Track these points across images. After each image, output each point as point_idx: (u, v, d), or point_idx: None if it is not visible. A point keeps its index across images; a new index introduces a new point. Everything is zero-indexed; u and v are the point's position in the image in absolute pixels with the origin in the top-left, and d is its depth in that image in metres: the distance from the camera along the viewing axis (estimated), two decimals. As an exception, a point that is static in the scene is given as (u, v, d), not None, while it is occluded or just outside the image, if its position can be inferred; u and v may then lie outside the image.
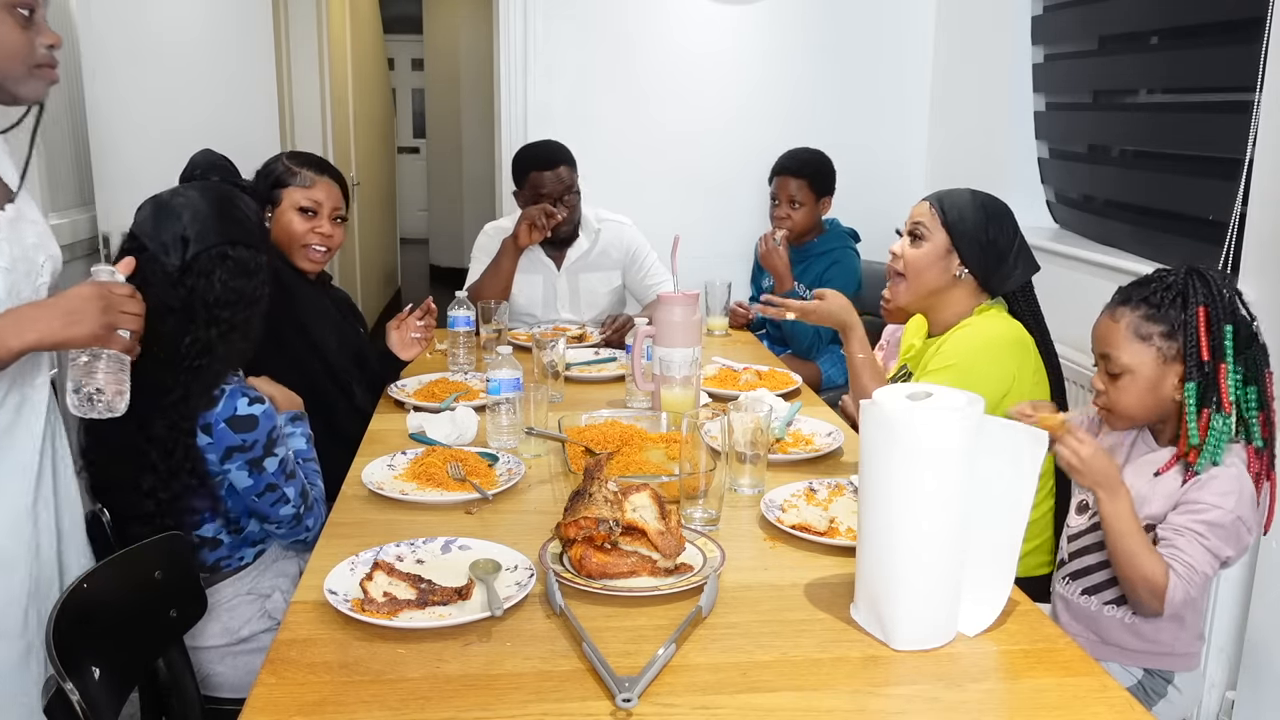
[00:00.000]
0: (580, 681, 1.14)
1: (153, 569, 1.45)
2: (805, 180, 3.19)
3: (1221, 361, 1.45)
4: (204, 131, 2.75)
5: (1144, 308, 1.51)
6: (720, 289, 3.00)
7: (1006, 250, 1.94)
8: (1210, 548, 1.43)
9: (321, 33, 4.88)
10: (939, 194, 1.99)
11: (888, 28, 3.77)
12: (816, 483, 1.72)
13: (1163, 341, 1.49)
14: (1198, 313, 1.46)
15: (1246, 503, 1.46)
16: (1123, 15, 2.82)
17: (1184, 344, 1.47)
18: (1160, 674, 1.56)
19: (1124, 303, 1.54)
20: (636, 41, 3.70)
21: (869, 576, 1.27)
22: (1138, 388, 1.51)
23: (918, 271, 1.96)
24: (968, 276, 1.94)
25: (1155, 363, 1.50)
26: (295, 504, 1.65)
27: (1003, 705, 1.14)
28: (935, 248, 1.94)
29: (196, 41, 3.05)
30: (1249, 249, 2.15)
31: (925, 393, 1.24)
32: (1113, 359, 1.53)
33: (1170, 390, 1.50)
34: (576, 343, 2.78)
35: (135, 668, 1.44)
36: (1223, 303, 1.47)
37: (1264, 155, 2.11)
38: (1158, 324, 1.49)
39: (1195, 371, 1.46)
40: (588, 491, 1.38)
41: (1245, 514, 1.45)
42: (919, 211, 1.98)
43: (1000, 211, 1.96)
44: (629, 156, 3.70)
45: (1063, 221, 3.21)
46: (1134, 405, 1.53)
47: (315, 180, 2.21)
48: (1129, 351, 1.51)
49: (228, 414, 1.54)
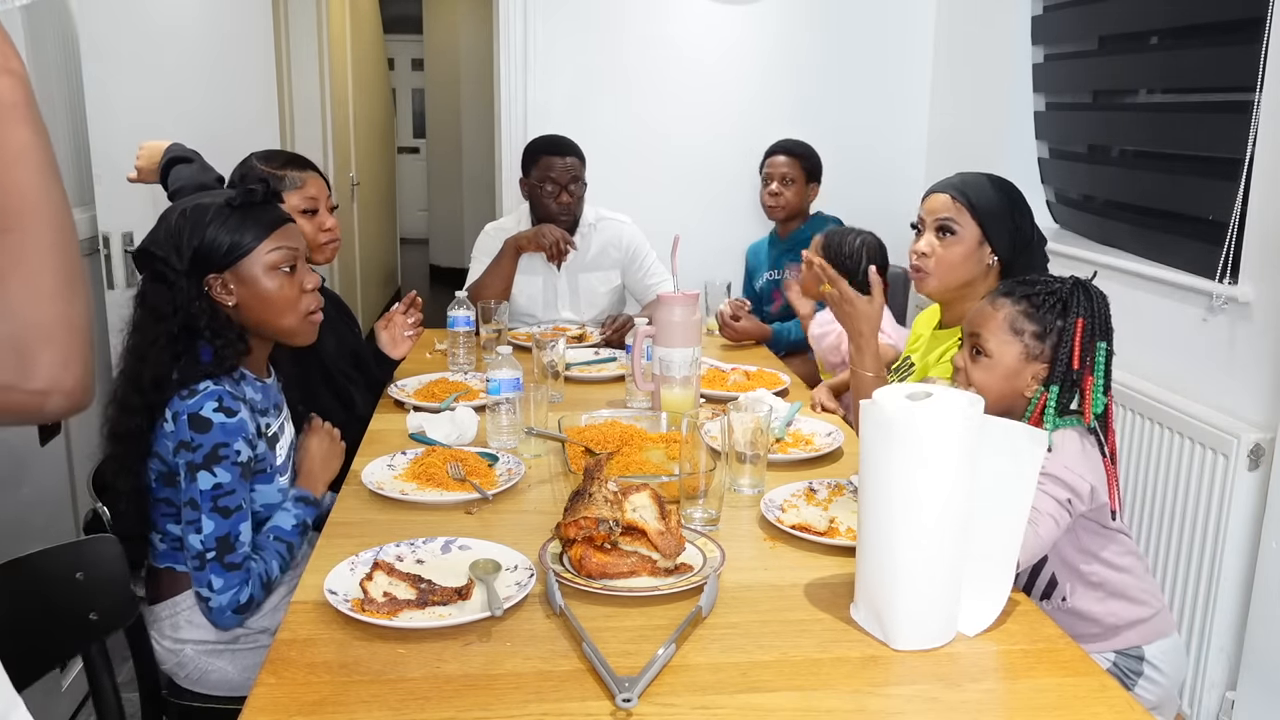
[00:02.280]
0: (580, 681, 1.14)
1: (74, 570, 1.43)
2: (797, 159, 3.23)
3: (1089, 374, 1.53)
4: (204, 131, 2.75)
5: (1025, 304, 1.57)
6: (720, 289, 3.00)
7: (1030, 233, 1.93)
8: (1049, 491, 1.46)
9: (321, 33, 4.89)
10: (956, 183, 1.92)
11: (888, 28, 3.77)
12: (816, 483, 1.72)
13: (1032, 340, 1.56)
14: (1076, 323, 1.53)
15: (1078, 460, 1.50)
16: (1123, 15, 2.82)
17: (1055, 348, 1.54)
18: (1130, 653, 1.57)
19: (1007, 295, 1.60)
20: (637, 41, 3.70)
21: (869, 576, 1.27)
22: (995, 374, 1.58)
23: (951, 267, 1.90)
24: (995, 264, 1.91)
25: (1019, 357, 1.56)
26: (208, 547, 1.48)
27: (1003, 705, 1.14)
28: (968, 242, 1.89)
29: (197, 41, 3.05)
30: (1249, 249, 2.16)
31: (925, 393, 1.24)
32: (981, 340, 1.59)
33: (1022, 385, 1.57)
34: (576, 343, 2.78)
35: (38, 666, 1.40)
36: (1100, 320, 1.54)
37: (1264, 155, 2.11)
38: (1032, 323, 1.56)
39: (1062, 376, 1.53)
40: (588, 491, 1.38)
41: (1078, 468, 1.49)
42: (942, 205, 1.91)
43: (1018, 194, 1.94)
44: (629, 156, 3.70)
45: (1063, 221, 3.21)
46: (992, 388, 1.58)
47: (304, 178, 2.17)
48: (998, 340, 1.57)
49: (194, 409, 1.50)
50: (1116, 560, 1.57)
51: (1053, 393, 1.53)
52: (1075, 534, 1.56)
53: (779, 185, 3.22)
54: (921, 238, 1.94)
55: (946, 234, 1.91)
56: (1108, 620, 1.57)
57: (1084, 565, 1.56)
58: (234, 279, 1.57)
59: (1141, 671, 1.57)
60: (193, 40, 3.03)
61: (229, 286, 1.57)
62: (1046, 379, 1.54)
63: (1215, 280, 2.22)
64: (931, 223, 1.92)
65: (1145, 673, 1.57)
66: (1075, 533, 1.55)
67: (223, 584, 1.48)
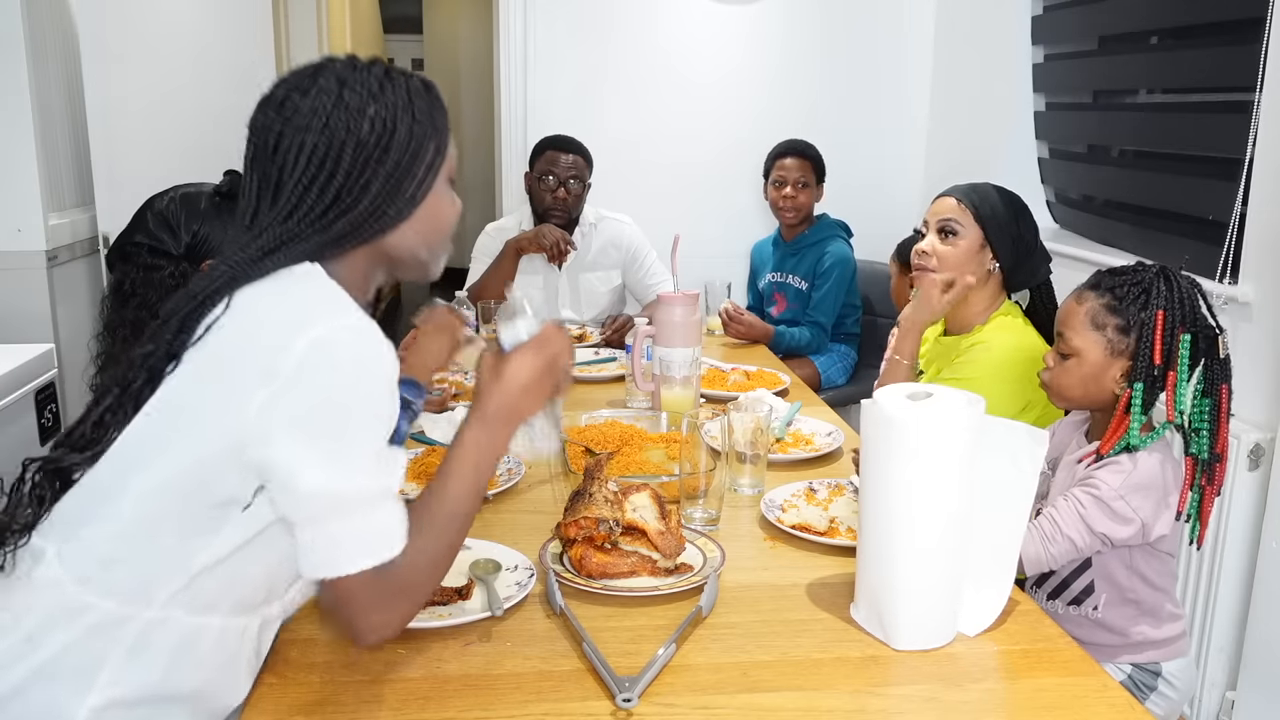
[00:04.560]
0: (580, 681, 1.14)
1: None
2: (809, 161, 3.21)
3: (1171, 369, 1.46)
4: (204, 131, 2.75)
5: (1108, 297, 1.52)
6: (720, 289, 3.00)
7: (1033, 244, 1.93)
8: (1085, 516, 1.43)
9: (321, 33, 4.89)
10: (964, 189, 1.95)
11: (888, 28, 3.78)
12: (816, 483, 1.72)
13: (1115, 335, 1.51)
14: (1156, 316, 1.46)
15: (1141, 491, 1.45)
16: (1123, 15, 2.82)
17: (1137, 344, 1.48)
18: (1147, 667, 1.56)
19: (1093, 288, 1.55)
20: (636, 41, 3.70)
21: (869, 576, 1.27)
22: (1081, 372, 1.53)
23: (951, 266, 1.92)
24: (996, 271, 1.93)
25: (1103, 353, 1.51)
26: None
27: (1003, 705, 1.14)
28: (969, 244, 1.91)
29: (197, 41, 3.05)
30: (1249, 249, 2.16)
31: (925, 393, 1.24)
32: (1065, 339, 1.55)
33: (1110, 383, 1.52)
34: (576, 343, 2.78)
35: None
36: (1183, 310, 1.47)
37: (1264, 155, 2.11)
38: (1116, 316, 1.51)
39: (1144, 373, 1.47)
40: (588, 491, 1.38)
41: (1135, 500, 1.44)
42: (947, 207, 1.94)
43: (1023, 206, 1.95)
44: (629, 156, 3.70)
45: (1063, 221, 3.21)
46: (1074, 387, 1.55)
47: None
48: (1081, 336, 1.53)
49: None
50: (1158, 581, 1.55)
51: (1137, 390, 1.46)
52: (1128, 552, 1.53)
53: (793, 189, 3.19)
54: (924, 239, 1.96)
55: (949, 235, 1.92)
56: (1134, 637, 1.55)
57: (1126, 581, 1.54)
58: None
59: (1155, 686, 1.56)
60: (193, 40, 3.03)
61: None
62: (1129, 375, 1.49)
63: (1215, 280, 2.22)
64: (935, 224, 1.94)
65: (1159, 688, 1.56)
66: (1129, 551, 1.52)
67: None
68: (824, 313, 3.17)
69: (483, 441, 1.12)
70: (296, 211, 1.06)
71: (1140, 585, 1.54)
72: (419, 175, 1.11)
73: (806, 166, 3.20)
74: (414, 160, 1.10)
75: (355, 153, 1.06)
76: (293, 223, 1.06)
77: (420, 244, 1.15)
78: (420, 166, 1.11)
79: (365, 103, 1.07)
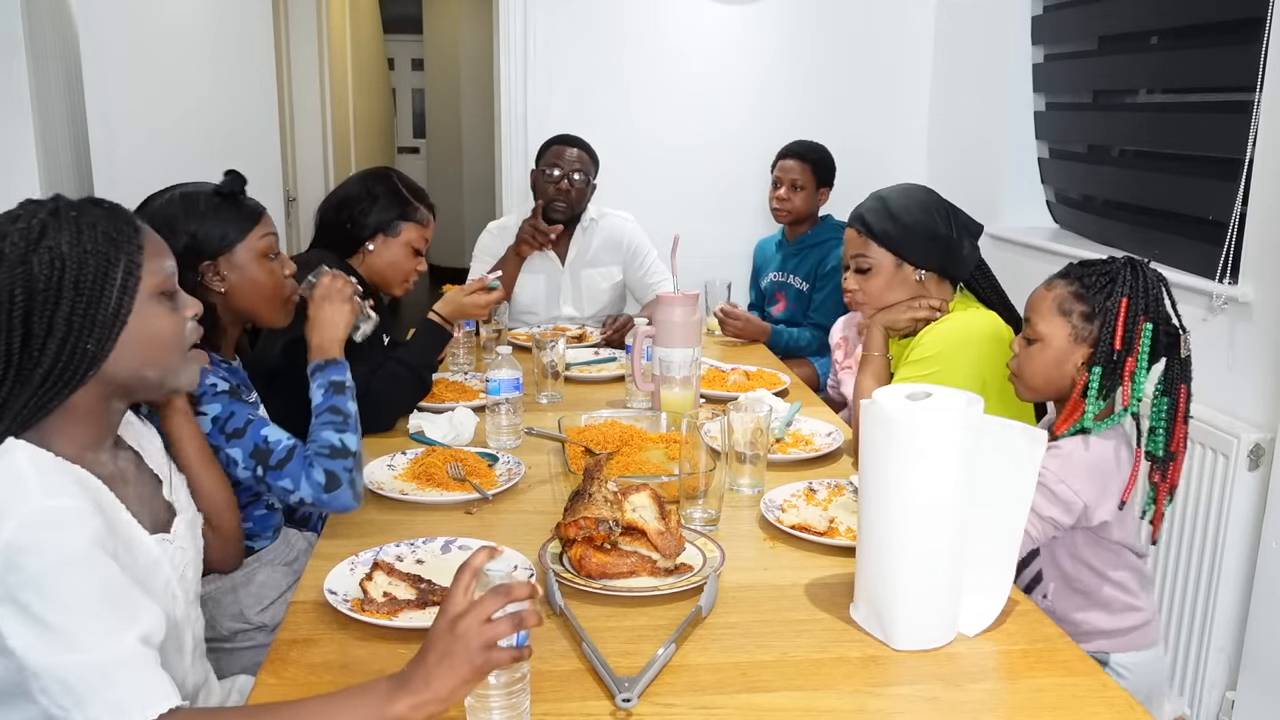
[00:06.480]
0: (580, 681, 1.14)
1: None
2: (809, 165, 3.20)
3: (1131, 356, 1.48)
4: (204, 131, 2.76)
5: (1076, 285, 1.54)
6: (720, 289, 3.00)
7: (949, 235, 1.93)
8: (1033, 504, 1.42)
9: (321, 33, 4.88)
10: (859, 214, 1.96)
11: (888, 28, 3.77)
12: (816, 483, 1.72)
13: (1080, 321, 1.53)
14: (1120, 302, 1.48)
15: (1082, 474, 1.47)
16: (1123, 15, 2.82)
17: (1100, 330, 1.50)
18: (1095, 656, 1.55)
19: (1062, 276, 1.57)
20: (637, 41, 3.70)
21: (869, 576, 1.27)
22: (1044, 357, 1.55)
23: (878, 297, 1.96)
24: (929, 274, 1.94)
25: (1067, 338, 1.53)
26: (250, 467, 1.49)
27: (1003, 705, 1.14)
28: (886, 270, 1.93)
29: (197, 41, 3.05)
30: (1249, 249, 2.15)
31: (925, 393, 1.24)
32: (1032, 324, 1.56)
33: (1072, 369, 1.53)
34: (576, 343, 2.78)
35: None
36: (1147, 299, 1.49)
37: (1264, 155, 2.11)
38: (1082, 303, 1.53)
39: (1104, 358, 1.49)
40: (588, 491, 1.38)
41: (1076, 484, 1.46)
42: (850, 240, 1.97)
43: (923, 199, 1.95)
44: (629, 156, 3.70)
45: (1063, 221, 3.21)
46: (1037, 374, 1.57)
47: (429, 220, 2.25)
48: (1047, 321, 1.55)
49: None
50: (1109, 573, 1.56)
51: (1094, 374, 1.48)
52: (1071, 539, 1.55)
53: (787, 190, 3.20)
54: (848, 274, 1.99)
55: (861, 271, 1.95)
56: (1082, 626, 1.56)
57: (1072, 570, 1.56)
58: (227, 265, 1.59)
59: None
60: (193, 40, 3.02)
61: (221, 273, 1.59)
62: (1089, 361, 1.51)
63: (1215, 280, 2.22)
64: (850, 261, 1.97)
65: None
66: (1071, 537, 1.54)
67: (291, 482, 1.48)
68: (825, 315, 3.17)
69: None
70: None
71: (1087, 574, 1.55)
72: (110, 302, 1.07)
73: (804, 169, 3.20)
74: (99, 289, 1.06)
75: (27, 302, 1.03)
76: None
77: (141, 365, 1.11)
78: (110, 293, 1.07)
79: (25, 253, 1.04)
